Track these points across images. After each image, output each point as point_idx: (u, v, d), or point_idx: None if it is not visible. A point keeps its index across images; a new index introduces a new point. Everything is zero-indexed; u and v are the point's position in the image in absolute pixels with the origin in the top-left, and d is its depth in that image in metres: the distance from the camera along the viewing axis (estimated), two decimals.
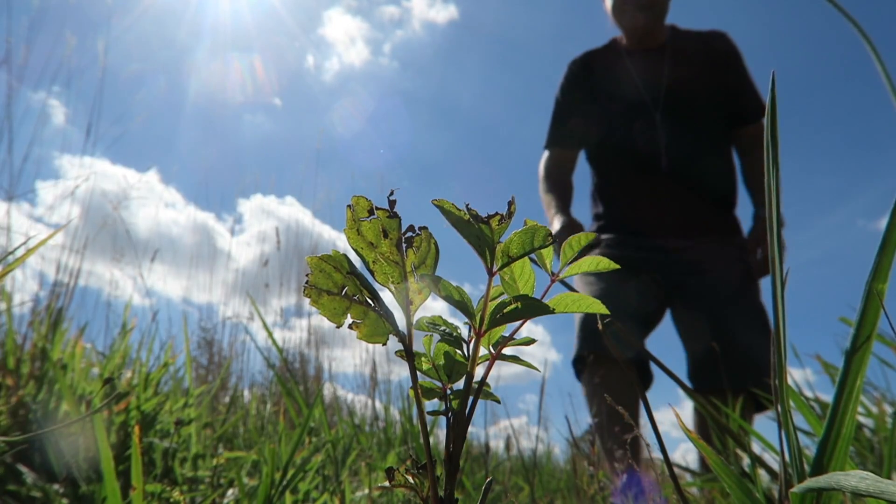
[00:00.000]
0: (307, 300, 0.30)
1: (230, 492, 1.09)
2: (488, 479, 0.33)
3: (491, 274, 0.28)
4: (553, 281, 0.31)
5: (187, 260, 3.47)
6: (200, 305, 3.42)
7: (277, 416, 2.09)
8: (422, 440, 0.31)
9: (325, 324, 3.39)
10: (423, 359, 0.31)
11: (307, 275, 0.29)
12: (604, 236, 2.32)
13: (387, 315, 0.30)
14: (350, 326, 0.30)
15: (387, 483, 0.30)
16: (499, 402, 0.32)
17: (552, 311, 0.30)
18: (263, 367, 3.23)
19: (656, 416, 0.65)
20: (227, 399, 2.43)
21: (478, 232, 0.27)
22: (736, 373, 1.91)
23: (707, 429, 1.91)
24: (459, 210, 0.27)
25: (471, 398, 0.30)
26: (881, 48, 0.54)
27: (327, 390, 2.97)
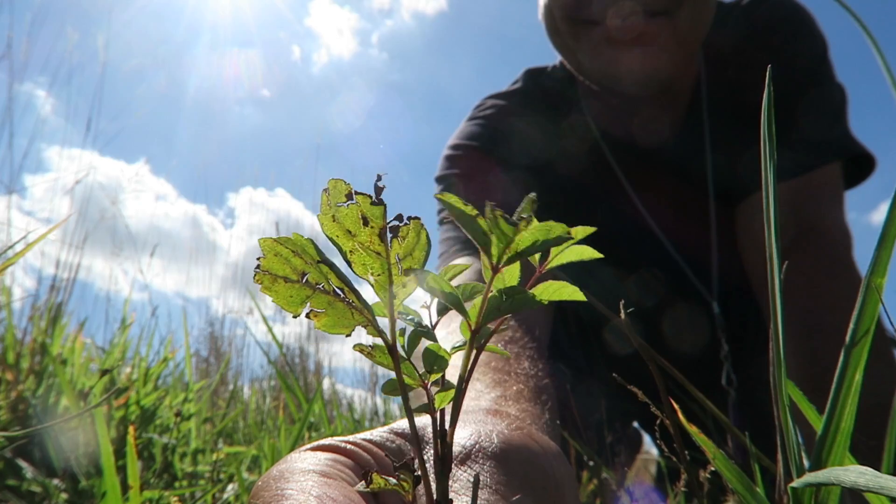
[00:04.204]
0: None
1: (230, 487, 1.10)
2: (476, 475, 0.33)
3: (495, 270, 0.27)
4: (539, 272, 0.30)
5: (182, 253, 3.47)
6: (196, 300, 3.43)
7: (277, 411, 2.09)
8: (411, 440, 0.30)
9: None
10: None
11: (258, 258, 0.27)
12: None
13: (363, 308, 0.28)
14: (308, 315, 0.28)
15: (362, 485, 0.28)
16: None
17: (542, 303, 0.29)
18: (263, 362, 3.24)
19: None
20: (226, 394, 2.43)
21: (484, 228, 0.26)
22: None
23: None
24: (465, 205, 0.26)
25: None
26: (880, 41, 0.54)
27: (326, 385, 2.97)
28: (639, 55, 1.03)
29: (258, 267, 0.27)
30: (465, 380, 0.30)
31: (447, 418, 0.30)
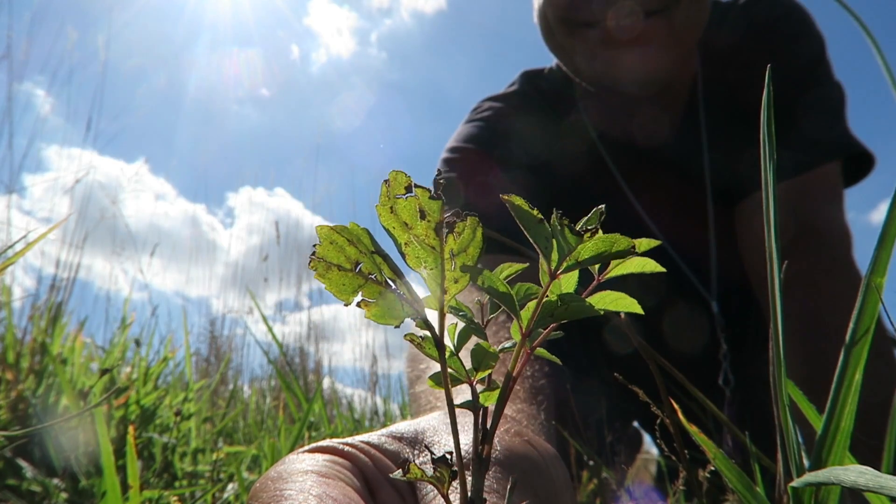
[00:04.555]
0: (307, 284, 0.28)
1: (230, 486, 1.10)
2: (513, 478, 0.32)
3: (552, 277, 0.27)
4: (597, 281, 0.30)
5: (181, 253, 3.47)
6: (196, 299, 3.43)
7: (277, 411, 2.09)
8: (452, 436, 0.30)
9: (324, 318, 3.38)
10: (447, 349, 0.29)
11: (314, 245, 0.27)
12: None
13: (413, 300, 0.28)
14: (359, 304, 0.28)
15: (399, 473, 0.28)
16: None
17: (599, 313, 0.29)
18: (263, 362, 3.24)
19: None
20: (226, 393, 2.43)
21: (547, 233, 0.26)
22: None
23: None
24: (532, 208, 0.25)
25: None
26: (880, 41, 0.54)
27: (326, 385, 2.97)
28: (638, 55, 1.04)
29: (314, 254, 0.27)
30: (512, 380, 0.30)
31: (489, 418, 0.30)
